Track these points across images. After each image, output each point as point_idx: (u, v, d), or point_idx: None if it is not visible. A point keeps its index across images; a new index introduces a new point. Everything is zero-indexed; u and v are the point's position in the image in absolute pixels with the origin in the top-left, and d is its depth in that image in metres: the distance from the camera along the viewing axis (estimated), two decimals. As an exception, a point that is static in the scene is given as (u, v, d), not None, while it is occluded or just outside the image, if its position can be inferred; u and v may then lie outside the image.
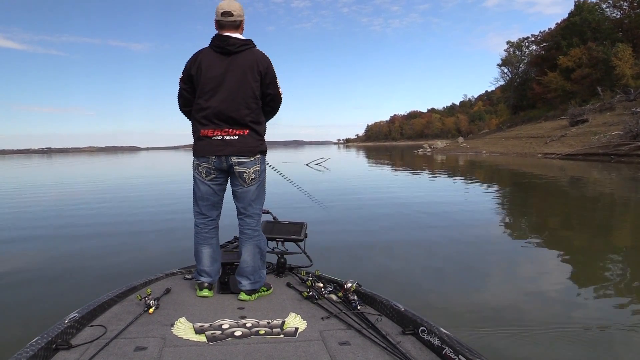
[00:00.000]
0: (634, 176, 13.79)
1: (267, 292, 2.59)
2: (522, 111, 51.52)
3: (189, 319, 2.17)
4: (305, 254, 3.03)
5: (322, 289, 2.46)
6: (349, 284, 2.38)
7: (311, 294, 2.42)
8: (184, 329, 2.05)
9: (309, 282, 2.55)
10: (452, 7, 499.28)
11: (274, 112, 2.65)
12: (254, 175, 2.50)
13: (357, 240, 5.57)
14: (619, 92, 32.53)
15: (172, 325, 2.09)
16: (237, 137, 2.45)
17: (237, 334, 1.99)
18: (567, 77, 42.39)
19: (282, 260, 2.96)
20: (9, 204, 10.68)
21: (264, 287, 2.58)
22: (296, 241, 3.00)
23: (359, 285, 2.41)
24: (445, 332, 1.80)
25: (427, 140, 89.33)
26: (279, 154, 54.94)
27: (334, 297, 2.42)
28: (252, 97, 2.46)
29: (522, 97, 53.70)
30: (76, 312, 2.05)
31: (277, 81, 2.55)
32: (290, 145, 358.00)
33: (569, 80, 42.20)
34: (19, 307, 3.46)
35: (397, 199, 9.49)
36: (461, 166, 21.91)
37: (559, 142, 27.18)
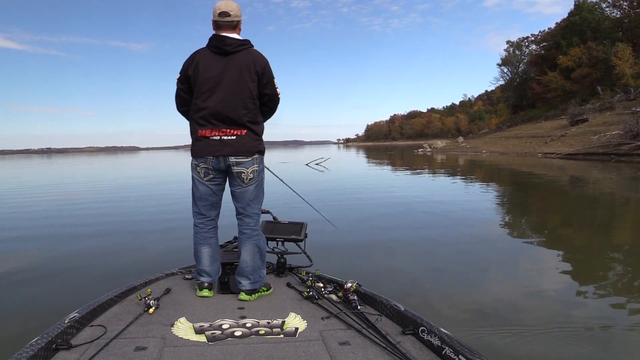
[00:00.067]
0: (634, 176, 13.79)
1: (267, 292, 2.59)
2: (522, 111, 51.50)
3: (189, 319, 2.17)
4: (305, 254, 3.03)
5: (322, 289, 2.46)
6: (349, 284, 2.38)
7: (311, 294, 2.42)
8: (184, 329, 2.05)
9: (309, 282, 2.55)
10: (451, 7, 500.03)
11: (271, 112, 2.65)
12: (252, 175, 2.51)
13: (357, 240, 5.57)
14: (619, 91, 32.52)
15: (172, 325, 2.09)
16: (234, 137, 2.45)
17: (237, 334, 1.99)
18: (567, 76, 42.37)
19: (282, 260, 2.96)
20: (9, 204, 10.69)
21: (264, 287, 2.58)
22: (296, 241, 3.00)
23: (359, 285, 2.41)
24: (445, 332, 1.80)
25: (427, 140, 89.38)
26: (278, 153, 54.93)
27: (334, 297, 2.42)
28: (250, 97, 2.46)
29: (522, 97, 53.67)
30: (76, 312, 2.05)
31: (274, 81, 2.55)
32: (290, 145, 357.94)
33: (568, 79, 42.17)
34: (19, 307, 3.46)
35: (397, 199, 9.49)
36: (461, 166, 21.90)
37: (559, 141, 27.18)
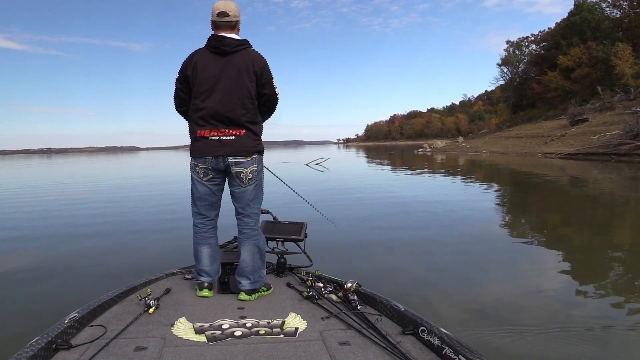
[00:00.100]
0: (634, 175, 13.79)
1: (267, 292, 2.59)
2: (522, 111, 51.48)
3: (189, 319, 2.17)
4: (305, 254, 3.03)
5: (322, 289, 2.46)
6: (349, 284, 2.38)
7: (311, 294, 2.42)
8: (184, 329, 2.05)
9: (309, 282, 2.55)
10: (451, 7, 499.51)
11: (270, 112, 2.65)
12: (251, 175, 2.51)
13: (357, 240, 5.57)
14: (619, 91, 32.51)
15: (172, 325, 2.09)
16: (233, 137, 2.45)
17: (237, 334, 1.99)
18: (567, 76, 42.34)
19: (282, 260, 2.96)
20: (9, 204, 10.69)
21: (264, 287, 2.58)
22: (296, 241, 3.00)
23: (359, 285, 2.41)
24: (445, 332, 1.79)
25: (427, 140, 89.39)
26: (278, 153, 54.93)
27: (334, 297, 2.42)
28: (248, 97, 2.46)
29: (522, 97, 53.64)
30: (76, 312, 2.05)
31: (273, 81, 2.55)
32: (290, 145, 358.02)
33: (568, 79, 42.15)
34: (19, 307, 3.46)
35: (397, 199, 9.49)
36: (461, 166, 21.90)
37: (559, 141, 27.17)
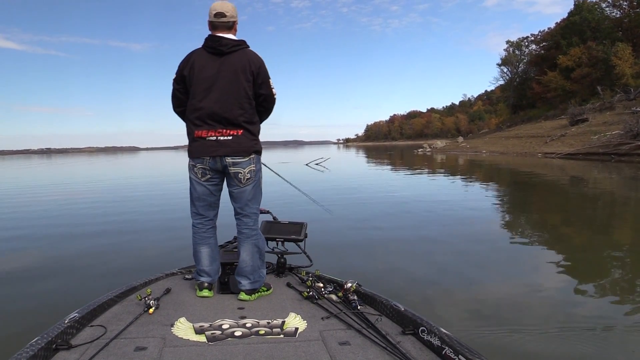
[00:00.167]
0: (634, 175, 13.80)
1: (267, 292, 2.59)
2: (521, 111, 51.49)
3: (189, 319, 2.17)
4: (305, 254, 3.02)
5: (322, 289, 2.46)
6: (349, 284, 2.38)
7: (311, 294, 2.42)
8: (184, 329, 2.05)
9: (309, 282, 2.55)
10: (451, 7, 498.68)
11: (267, 112, 2.65)
12: (249, 175, 2.51)
13: (357, 239, 5.57)
14: (619, 91, 32.52)
15: (172, 325, 2.09)
16: (231, 137, 2.44)
17: (237, 334, 1.99)
18: (567, 76, 42.35)
19: (282, 260, 2.96)
20: (9, 204, 10.69)
21: (264, 287, 2.58)
22: (296, 241, 3.00)
23: (359, 285, 2.41)
24: (445, 332, 1.79)
25: (427, 140, 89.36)
26: (278, 154, 54.94)
27: (334, 297, 2.41)
28: (245, 97, 2.46)
29: (522, 97, 53.65)
30: (76, 312, 2.05)
31: (269, 81, 2.54)
32: (289, 145, 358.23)
33: (568, 79, 42.16)
34: (19, 306, 3.46)
35: (397, 198, 9.49)
36: (461, 166, 21.91)
37: (559, 141, 27.18)
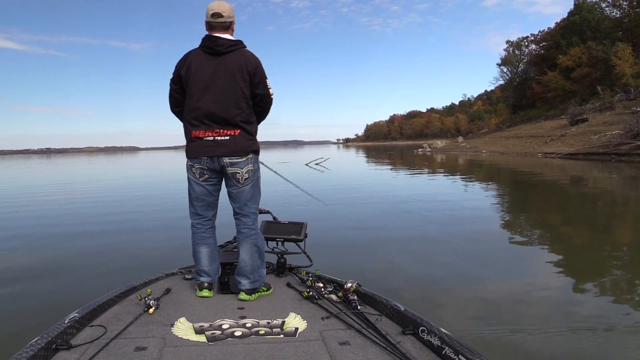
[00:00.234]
0: (634, 175, 13.80)
1: (267, 292, 2.59)
2: (521, 111, 51.49)
3: (189, 319, 2.17)
4: (305, 253, 3.02)
5: (322, 289, 2.46)
6: (349, 284, 2.38)
7: (311, 294, 2.42)
8: (184, 329, 2.05)
9: (309, 282, 2.55)
10: (451, 7, 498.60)
11: (264, 112, 2.64)
12: (247, 175, 2.50)
13: (357, 239, 5.57)
14: (619, 91, 32.53)
15: (172, 325, 2.09)
16: (228, 137, 2.44)
17: (237, 334, 1.99)
18: (567, 76, 42.35)
19: (282, 260, 2.96)
20: (9, 204, 10.68)
21: (263, 287, 2.58)
22: (296, 241, 2.99)
23: (359, 285, 2.41)
24: (445, 332, 1.79)
25: (427, 139, 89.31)
26: (278, 154, 54.95)
27: (334, 297, 2.41)
28: (242, 97, 2.46)
29: (522, 97, 53.64)
30: (76, 312, 2.05)
31: (266, 81, 2.54)
32: (289, 145, 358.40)
33: (568, 79, 42.16)
34: (19, 306, 3.46)
35: (397, 198, 9.49)
36: (461, 166, 21.91)
37: (559, 141, 27.18)
